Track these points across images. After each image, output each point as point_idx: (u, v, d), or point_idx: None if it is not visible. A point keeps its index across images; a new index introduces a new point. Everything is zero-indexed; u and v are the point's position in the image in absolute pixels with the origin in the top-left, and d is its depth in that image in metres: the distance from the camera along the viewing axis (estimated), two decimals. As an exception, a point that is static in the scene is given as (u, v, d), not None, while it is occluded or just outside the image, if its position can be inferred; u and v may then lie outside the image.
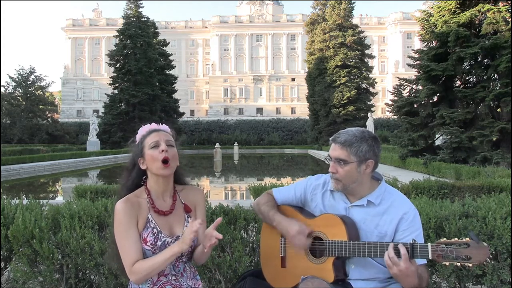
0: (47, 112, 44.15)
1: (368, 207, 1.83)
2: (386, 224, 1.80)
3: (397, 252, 1.63)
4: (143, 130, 1.81)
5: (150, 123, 1.85)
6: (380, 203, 1.83)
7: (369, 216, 1.82)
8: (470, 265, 1.56)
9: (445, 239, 1.62)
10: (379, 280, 1.81)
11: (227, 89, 78.49)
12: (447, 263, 1.58)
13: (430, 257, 1.59)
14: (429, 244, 1.60)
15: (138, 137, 1.81)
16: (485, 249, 1.54)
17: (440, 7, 14.60)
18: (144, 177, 1.80)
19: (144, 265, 1.63)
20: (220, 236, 1.61)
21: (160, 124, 1.85)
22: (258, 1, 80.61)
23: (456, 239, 1.60)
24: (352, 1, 40.53)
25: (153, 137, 1.75)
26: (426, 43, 15.35)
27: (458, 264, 1.57)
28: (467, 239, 1.57)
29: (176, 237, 1.72)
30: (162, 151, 1.71)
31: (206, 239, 1.63)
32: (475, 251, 1.54)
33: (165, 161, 1.70)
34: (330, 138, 1.91)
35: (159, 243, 1.68)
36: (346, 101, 37.07)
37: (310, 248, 1.85)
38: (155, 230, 1.69)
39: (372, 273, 1.80)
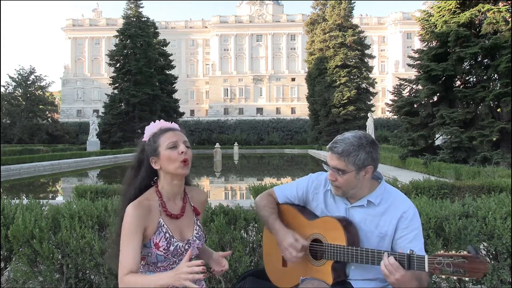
0: (47, 112, 44.15)
1: (368, 207, 1.83)
2: (386, 224, 1.80)
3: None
4: (153, 127, 1.74)
5: (154, 122, 1.78)
6: (380, 203, 1.83)
7: (369, 216, 1.82)
8: (467, 279, 1.50)
9: (443, 251, 1.57)
10: (380, 280, 1.81)
11: (227, 89, 78.45)
12: (443, 276, 1.53)
13: (426, 269, 1.55)
14: (426, 256, 1.56)
15: (147, 134, 1.74)
16: (483, 264, 1.47)
17: (440, 7, 14.59)
18: (155, 178, 1.74)
19: (133, 281, 1.56)
20: (226, 267, 1.78)
21: (171, 122, 1.80)
22: (258, 1, 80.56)
23: (454, 251, 1.55)
24: (352, 1, 40.55)
25: (170, 137, 1.69)
26: (426, 43, 15.35)
27: (455, 278, 1.53)
28: (465, 252, 1.51)
29: (186, 240, 1.69)
30: (182, 152, 1.67)
31: (215, 263, 1.79)
32: (473, 266, 1.47)
33: (184, 161, 1.68)
34: (327, 146, 1.89)
35: (171, 248, 1.64)
36: (346, 101, 37.10)
37: (310, 250, 1.85)
38: (167, 235, 1.64)
39: (372, 273, 1.80)
